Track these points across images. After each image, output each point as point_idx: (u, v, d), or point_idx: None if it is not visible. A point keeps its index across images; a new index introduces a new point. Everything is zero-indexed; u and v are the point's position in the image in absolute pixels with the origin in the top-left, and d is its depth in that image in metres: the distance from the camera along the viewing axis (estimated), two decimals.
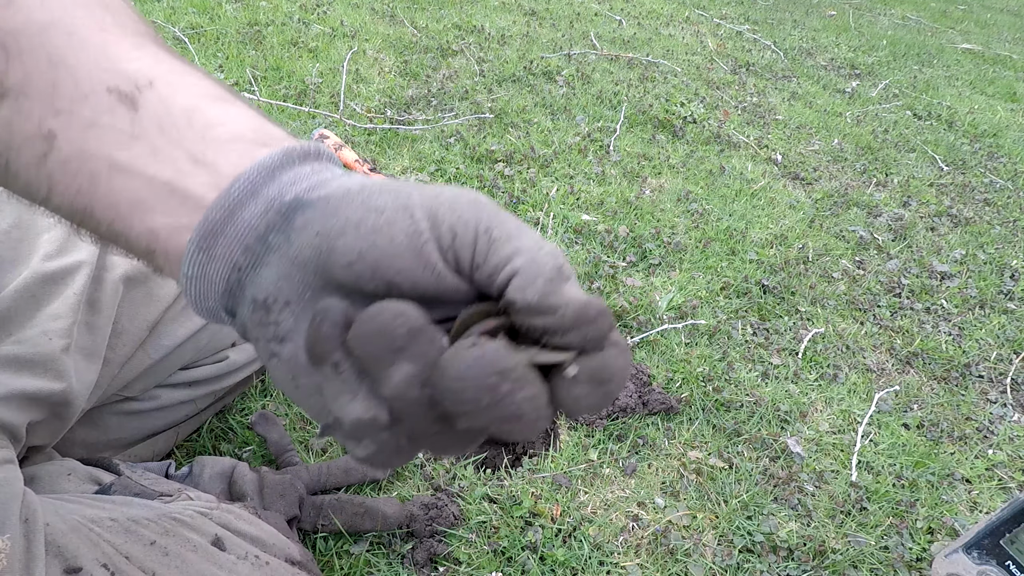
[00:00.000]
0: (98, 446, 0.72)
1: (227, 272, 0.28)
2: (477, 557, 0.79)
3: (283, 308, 0.28)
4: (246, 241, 0.28)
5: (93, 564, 0.46)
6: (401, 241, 0.27)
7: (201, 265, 0.28)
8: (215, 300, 0.29)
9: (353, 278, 0.27)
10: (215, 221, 0.28)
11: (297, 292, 0.28)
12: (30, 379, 0.54)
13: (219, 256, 0.28)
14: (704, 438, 1.00)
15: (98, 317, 0.61)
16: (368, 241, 0.27)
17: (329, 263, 0.27)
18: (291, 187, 0.28)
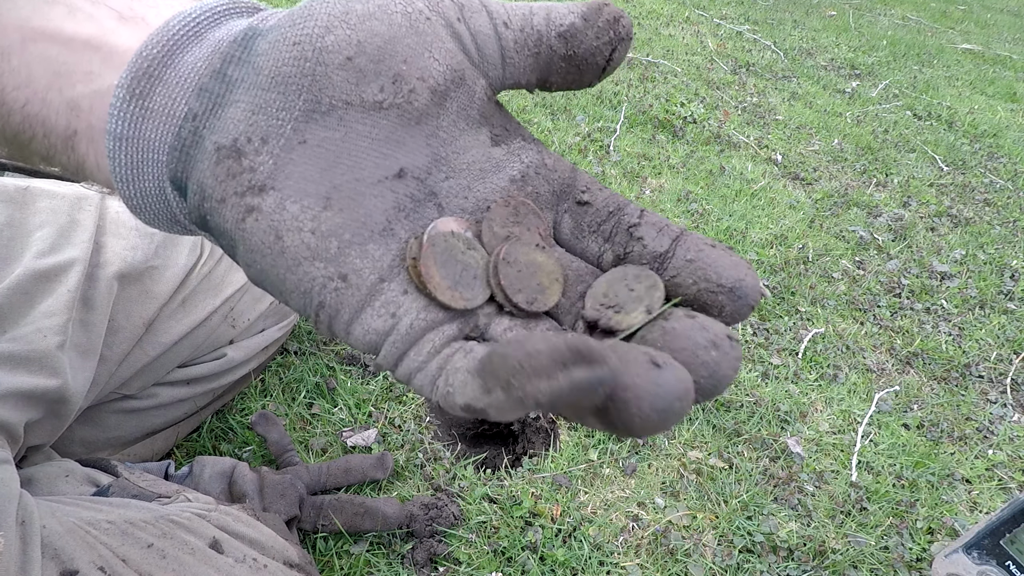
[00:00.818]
0: (97, 444, 0.72)
1: (174, 126, 0.23)
2: (477, 557, 0.79)
3: (259, 148, 0.23)
4: (200, 82, 0.23)
5: (90, 567, 0.46)
6: (400, 23, 0.23)
7: (134, 121, 0.23)
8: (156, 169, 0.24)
9: (354, 77, 0.23)
10: (151, 58, 0.23)
11: (276, 124, 0.23)
12: (26, 376, 0.54)
13: (158, 109, 0.23)
14: (704, 438, 1.00)
15: (93, 314, 0.61)
16: (364, 29, 0.23)
17: (321, 70, 0.23)
18: (239, 27, 0.25)
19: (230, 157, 0.23)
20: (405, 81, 0.23)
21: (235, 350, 0.81)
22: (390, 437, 0.91)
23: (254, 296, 0.81)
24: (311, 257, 0.23)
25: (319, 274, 0.23)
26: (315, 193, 0.23)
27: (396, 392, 0.98)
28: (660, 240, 0.25)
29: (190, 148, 0.23)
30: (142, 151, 0.24)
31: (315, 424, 0.91)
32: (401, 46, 0.23)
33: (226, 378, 0.82)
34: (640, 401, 0.20)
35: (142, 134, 0.23)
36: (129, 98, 0.23)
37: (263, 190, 0.23)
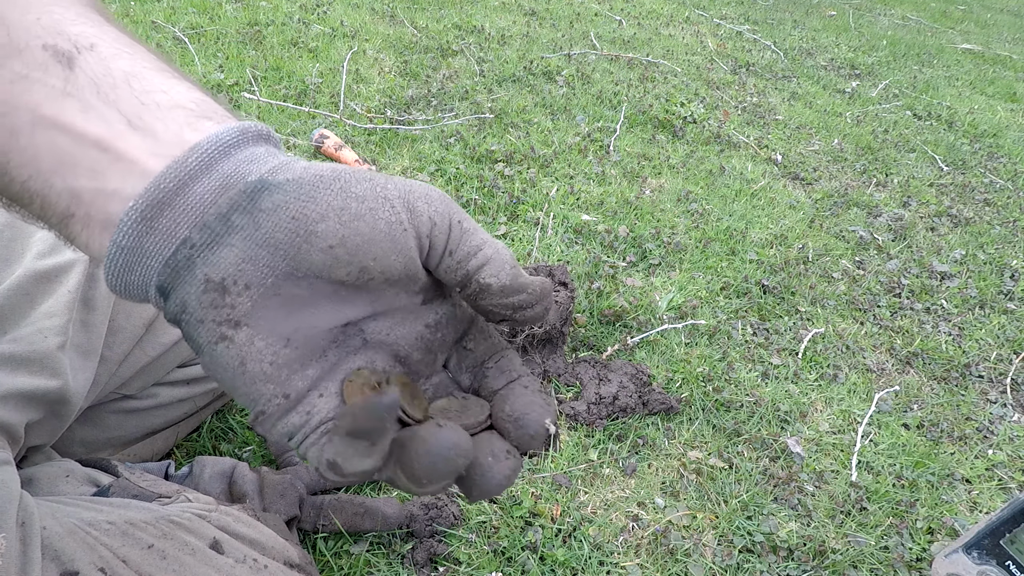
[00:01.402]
0: (97, 444, 0.72)
1: (171, 247, 0.27)
2: (477, 557, 0.79)
3: (242, 291, 0.27)
4: (203, 219, 0.26)
5: (90, 568, 0.46)
6: (382, 229, 0.28)
7: (138, 236, 0.26)
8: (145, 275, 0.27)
9: (330, 261, 0.28)
10: (165, 191, 0.26)
11: (260, 275, 0.27)
12: (26, 377, 0.54)
13: (161, 229, 0.26)
14: (704, 438, 1.00)
15: (93, 315, 0.61)
16: (351, 228, 0.28)
17: (306, 247, 0.27)
18: (249, 166, 0.27)
19: (216, 291, 0.27)
20: (368, 272, 0.29)
21: None
22: None
23: None
24: (265, 380, 0.28)
25: (268, 392, 0.28)
26: (279, 334, 0.28)
27: None
28: (497, 382, 0.34)
29: (182, 270, 0.27)
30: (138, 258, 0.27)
31: None
32: (375, 247, 0.28)
33: None
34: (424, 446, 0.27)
35: (142, 246, 0.27)
36: (140, 220, 0.26)
37: (238, 325, 0.27)
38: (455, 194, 1.48)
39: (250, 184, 0.27)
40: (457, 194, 1.48)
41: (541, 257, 1.33)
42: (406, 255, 0.29)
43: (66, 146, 0.26)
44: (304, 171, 0.28)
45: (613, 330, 1.17)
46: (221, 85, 1.75)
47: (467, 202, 1.45)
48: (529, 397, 0.32)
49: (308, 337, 0.29)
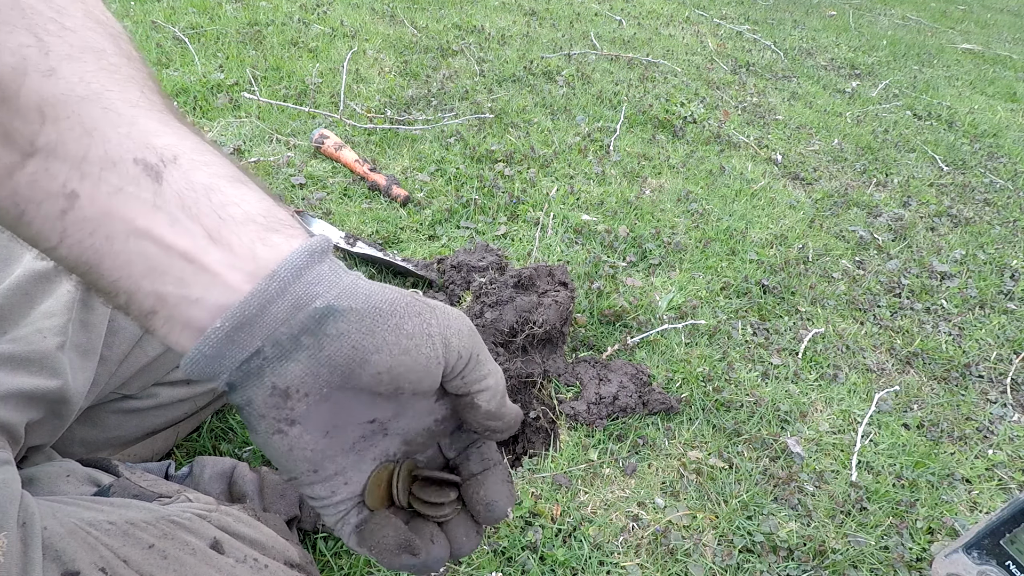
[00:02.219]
0: (97, 444, 0.72)
1: (245, 356, 0.31)
2: (477, 557, 0.79)
3: (302, 398, 0.33)
4: (276, 336, 0.31)
5: (91, 568, 0.46)
6: (423, 364, 0.34)
7: (220, 346, 0.31)
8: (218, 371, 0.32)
9: (376, 381, 0.34)
10: (249, 316, 0.31)
11: (318, 387, 0.33)
12: (26, 377, 0.54)
13: (239, 342, 0.31)
14: (704, 438, 1.00)
15: (92, 315, 0.61)
16: (399, 361, 0.34)
17: (360, 371, 0.33)
18: (314, 287, 0.32)
19: (280, 396, 0.33)
20: (402, 390, 0.35)
21: None
22: None
23: None
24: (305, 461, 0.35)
25: (302, 468, 0.36)
26: (321, 429, 0.35)
27: None
28: (476, 466, 0.42)
29: (253, 375, 0.32)
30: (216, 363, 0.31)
31: None
32: (414, 375, 0.35)
33: None
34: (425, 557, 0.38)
35: (222, 353, 0.31)
36: (225, 339, 0.31)
37: (293, 423, 0.34)
38: (455, 194, 1.48)
39: (318, 310, 0.32)
40: (457, 194, 1.48)
41: (541, 257, 1.33)
42: (434, 379, 0.36)
43: (156, 255, 0.30)
44: (366, 300, 0.33)
45: (613, 330, 1.17)
46: (221, 85, 1.75)
47: (467, 202, 1.45)
48: (500, 487, 0.41)
49: (343, 432, 0.36)
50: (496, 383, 0.39)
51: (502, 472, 0.42)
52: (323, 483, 0.37)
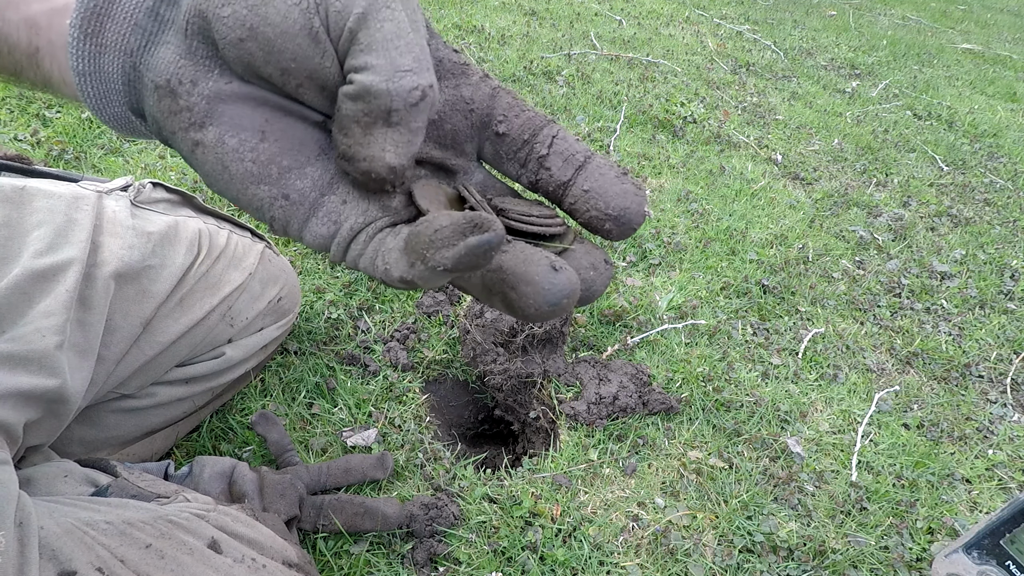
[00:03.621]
0: (96, 444, 0.72)
1: (122, 61, 0.25)
2: (477, 557, 0.79)
3: (191, 89, 0.25)
4: (135, 18, 0.24)
5: (88, 568, 0.46)
6: (295, 19, 0.23)
7: (91, 57, 0.25)
8: (118, 100, 0.26)
9: (246, 59, 0.24)
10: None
11: (203, 69, 0.24)
12: (25, 377, 0.54)
13: (110, 44, 0.25)
14: (704, 438, 1.00)
15: (90, 314, 0.61)
16: (258, 14, 0.23)
17: (218, 39, 0.24)
18: None
19: (167, 96, 0.25)
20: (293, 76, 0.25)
21: (233, 349, 0.81)
22: (390, 437, 0.91)
23: (252, 295, 0.81)
24: (256, 181, 0.26)
25: (265, 195, 0.26)
26: (250, 127, 0.26)
27: (396, 392, 0.98)
28: (564, 170, 0.30)
29: (135, 83, 0.25)
30: (104, 83, 0.25)
31: (315, 424, 0.91)
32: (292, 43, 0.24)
33: (225, 377, 0.82)
34: (537, 294, 0.25)
35: (100, 68, 0.25)
36: (83, 38, 0.24)
37: (203, 126, 0.25)
38: None
39: None
40: None
41: None
42: (321, 47, 0.24)
43: None
44: None
45: (613, 330, 1.17)
46: None
47: None
48: (618, 186, 0.29)
49: (288, 131, 0.26)
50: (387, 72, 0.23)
51: (605, 163, 0.29)
52: (314, 214, 0.27)
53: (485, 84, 0.30)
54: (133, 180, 0.75)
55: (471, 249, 0.23)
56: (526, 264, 0.26)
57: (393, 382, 0.99)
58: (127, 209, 0.69)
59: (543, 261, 0.26)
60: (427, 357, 1.05)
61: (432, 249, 0.23)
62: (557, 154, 0.30)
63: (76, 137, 1.35)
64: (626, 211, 0.29)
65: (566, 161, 0.30)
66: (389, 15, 0.24)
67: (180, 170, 1.33)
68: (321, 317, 1.06)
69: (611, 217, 0.29)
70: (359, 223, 0.27)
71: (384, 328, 1.09)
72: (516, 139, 0.30)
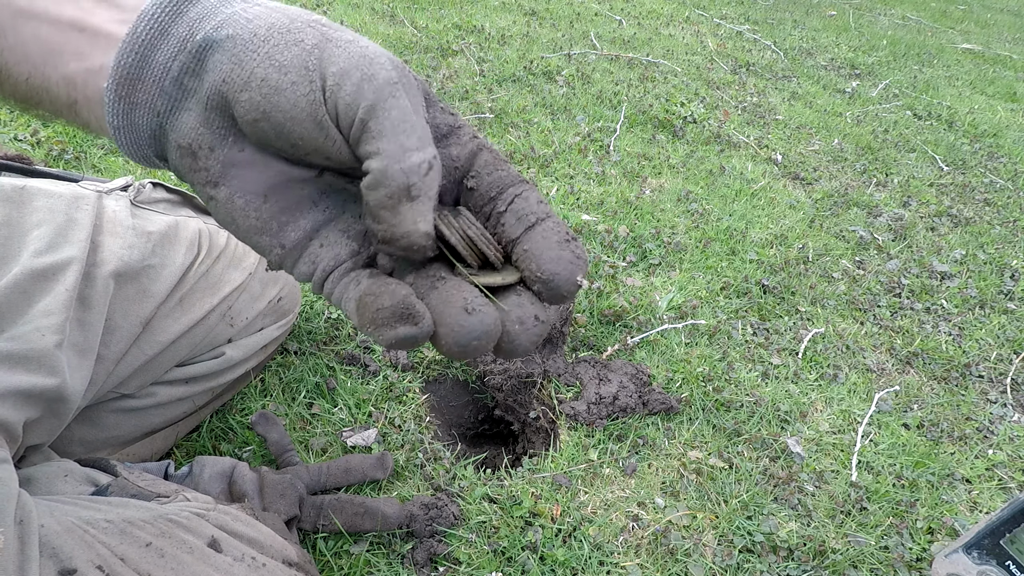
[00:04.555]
0: (96, 444, 0.72)
1: (151, 119, 0.28)
2: (477, 557, 0.79)
3: (209, 154, 0.28)
4: (162, 85, 0.28)
5: (88, 566, 0.46)
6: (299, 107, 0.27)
7: (124, 114, 0.28)
8: (147, 147, 0.29)
9: (259, 136, 0.28)
10: (130, 66, 0.27)
11: (219, 138, 0.28)
12: (24, 375, 0.54)
13: (141, 103, 0.28)
14: (704, 438, 1.00)
15: (89, 313, 0.61)
16: (271, 103, 0.27)
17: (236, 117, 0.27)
18: (200, 24, 0.27)
19: (188, 156, 0.29)
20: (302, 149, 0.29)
21: (233, 349, 0.81)
22: (390, 437, 0.91)
23: (252, 295, 0.81)
24: (259, 232, 0.30)
25: (266, 243, 0.31)
26: (255, 191, 0.30)
27: (396, 392, 0.98)
28: (515, 228, 0.31)
29: (160, 139, 0.29)
30: (135, 134, 0.29)
31: (315, 424, 0.91)
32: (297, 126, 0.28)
33: (225, 377, 0.82)
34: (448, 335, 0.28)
35: (133, 122, 0.29)
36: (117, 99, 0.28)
37: (216, 185, 0.29)
38: None
39: (197, 43, 0.27)
40: None
41: None
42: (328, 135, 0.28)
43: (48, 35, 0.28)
44: (246, 26, 0.27)
45: (613, 330, 1.17)
46: None
47: None
48: (555, 252, 0.30)
49: (287, 190, 0.30)
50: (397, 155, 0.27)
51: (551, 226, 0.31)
52: (300, 256, 0.31)
53: (472, 143, 0.33)
54: (133, 180, 0.74)
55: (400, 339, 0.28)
56: (443, 304, 0.29)
57: (393, 382, 0.99)
58: (127, 209, 0.69)
59: (458, 303, 0.29)
60: (427, 357, 1.05)
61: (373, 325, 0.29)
62: (512, 212, 0.32)
63: (76, 137, 1.35)
64: (556, 276, 0.30)
65: (519, 220, 0.31)
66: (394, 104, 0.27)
67: None
68: (321, 317, 1.06)
69: (540, 280, 0.30)
70: (330, 265, 0.32)
71: None
72: (483, 195, 0.32)
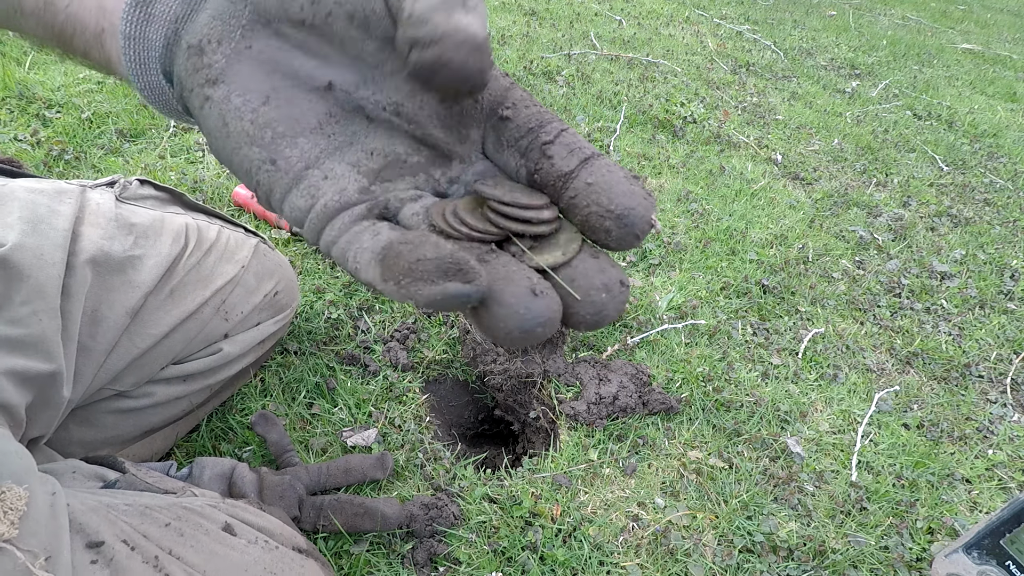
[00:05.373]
0: (95, 445, 0.72)
1: (166, 29, 0.28)
2: (477, 557, 0.79)
3: (216, 48, 0.27)
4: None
5: (114, 539, 0.47)
6: None
7: (139, 23, 0.28)
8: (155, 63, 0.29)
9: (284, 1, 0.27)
10: None
11: (229, 30, 0.27)
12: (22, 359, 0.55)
13: (158, 15, 0.28)
14: (704, 438, 1.00)
15: (68, 302, 0.62)
16: None
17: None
18: None
19: (196, 54, 0.27)
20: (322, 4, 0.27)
21: (230, 344, 0.81)
22: (390, 437, 0.91)
23: (247, 288, 0.80)
24: (249, 142, 0.27)
25: (255, 157, 0.27)
26: (256, 90, 0.27)
27: (396, 392, 0.98)
28: (568, 161, 0.27)
29: (173, 46, 0.28)
30: (145, 50, 0.28)
31: (315, 424, 0.91)
32: None
33: (222, 373, 0.82)
34: (509, 318, 0.24)
35: (144, 34, 0.28)
36: (134, 7, 0.28)
37: (215, 83, 0.27)
38: None
39: None
40: None
41: None
42: None
43: None
44: None
45: (613, 330, 1.17)
46: None
47: None
48: (625, 185, 0.27)
49: (291, 99, 0.28)
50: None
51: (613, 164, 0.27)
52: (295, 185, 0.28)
53: (504, 79, 0.30)
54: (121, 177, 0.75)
55: (448, 297, 0.23)
56: (505, 282, 0.25)
57: (393, 382, 0.99)
58: (111, 202, 0.70)
59: (524, 282, 0.25)
60: (427, 357, 1.05)
61: (409, 278, 0.23)
62: (563, 144, 0.28)
63: (76, 137, 1.35)
64: (631, 211, 0.26)
65: (571, 152, 0.28)
66: None
67: (180, 170, 1.33)
68: (321, 317, 1.06)
69: (613, 215, 0.26)
70: (334, 202, 0.28)
71: (384, 328, 1.09)
72: (521, 126, 0.29)
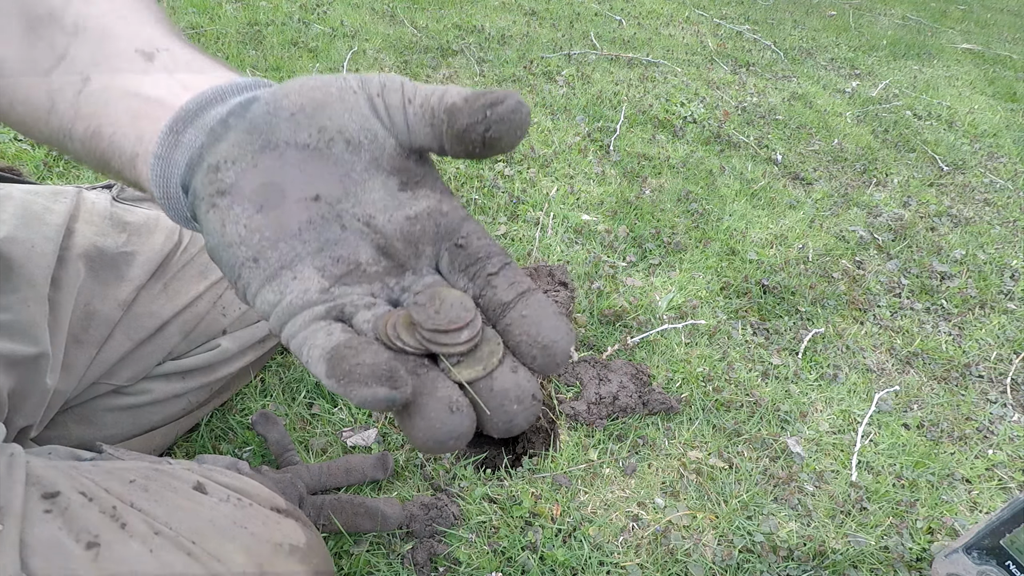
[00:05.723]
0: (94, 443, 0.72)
1: (190, 154, 0.33)
2: (477, 557, 0.79)
3: (230, 167, 0.32)
4: (211, 126, 0.33)
5: (71, 491, 0.47)
6: (334, 94, 0.33)
7: (169, 147, 0.33)
8: (175, 178, 0.34)
9: (294, 125, 0.32)
10: (188, 111, 0.34)
11: (243, 154, 0.32)
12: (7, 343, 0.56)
13: (185, 142, 0.33)
14: (704, 438, 1.00)
15: (60, 294, 0.63)
16: (309, 97, 0.33)
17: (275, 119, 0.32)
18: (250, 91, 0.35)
19: (213, 171, 0.32)
20: (327, 132, 0.32)
21: (229, 340, 0.81)
22: (390, 437, 0.91)
23: None
24: (239, 243, 0.32)
25: (242, 255, 0.32)
26: (253, 201, 0.32)
27: None
28: (508, 292, 0.32)
29: (195, 166, 0.33)
30: (170, 167, 0.34)
31: (315, 424, 0.91)
32: (329, 109, 0.33)
33: (221, 371, 0.82)
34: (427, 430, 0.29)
35: (172, 157, 0.33)
36: (169, 132, 0.33)
37: (223, 194, 0.32)
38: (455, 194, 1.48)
39: (245, 98, 0.34)
40: (457, 194, 1.48)
41: (541, 257, 1.33)
42: (360, 114, 0.33)
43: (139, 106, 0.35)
44: (289, 83, 0.34)
45: (613, 330, 1.17)
46: None
47: (467, 202, 1.45)
48: (553, 321, 0.31)
49: (280, 206, 0.32)
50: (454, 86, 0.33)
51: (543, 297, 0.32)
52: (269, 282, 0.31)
53: (463, 210, 0.36)
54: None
55: (377, 399, 0.27)
56: (428, 397, 0.29)
57: None
58: (107, 201, 0.71)
59: (444, 399, 0.29)
60: None
61: (348, 378, 0.28)
62: (505, 277, 0.33)
63: None
64: (555, 344, 0.31)
65: (511, 285, 0.33)
66: None
67: None
68: None
69: (539, 345, 0.31)
70: (298, 300, 0.31)
71: None
72: (471, 255, 0.34)
